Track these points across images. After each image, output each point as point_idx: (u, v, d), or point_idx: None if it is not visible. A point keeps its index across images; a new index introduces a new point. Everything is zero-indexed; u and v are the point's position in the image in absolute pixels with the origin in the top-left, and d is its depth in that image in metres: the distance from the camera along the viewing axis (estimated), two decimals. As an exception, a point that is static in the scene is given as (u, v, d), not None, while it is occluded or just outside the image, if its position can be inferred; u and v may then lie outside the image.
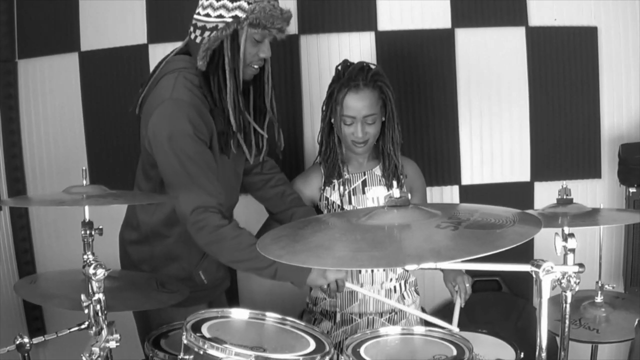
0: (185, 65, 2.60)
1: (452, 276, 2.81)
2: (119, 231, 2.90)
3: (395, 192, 1.84)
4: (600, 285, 2.62)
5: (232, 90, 2.57)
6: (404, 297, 2.96)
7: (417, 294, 3.05)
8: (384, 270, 2.88)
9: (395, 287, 2.94)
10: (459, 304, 2.73)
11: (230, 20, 2.50)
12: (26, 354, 2.35)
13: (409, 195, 2.92)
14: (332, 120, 2.87)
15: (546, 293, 1.73)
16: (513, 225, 1.74)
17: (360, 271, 2.87)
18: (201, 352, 1.99)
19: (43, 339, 2.40)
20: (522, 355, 2.50)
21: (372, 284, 2.90)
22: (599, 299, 2.61)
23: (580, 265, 1.81)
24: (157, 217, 2.72)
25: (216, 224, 2.48)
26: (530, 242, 3.49)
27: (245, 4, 2.48)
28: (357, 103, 2.77)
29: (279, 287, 3.17)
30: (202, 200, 2.49)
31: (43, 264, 3.91)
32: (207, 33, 2.53)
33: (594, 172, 3.73)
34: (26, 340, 2.33)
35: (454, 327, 2.44)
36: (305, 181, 3.00)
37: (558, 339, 2.07)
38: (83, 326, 2.30)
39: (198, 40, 2.56)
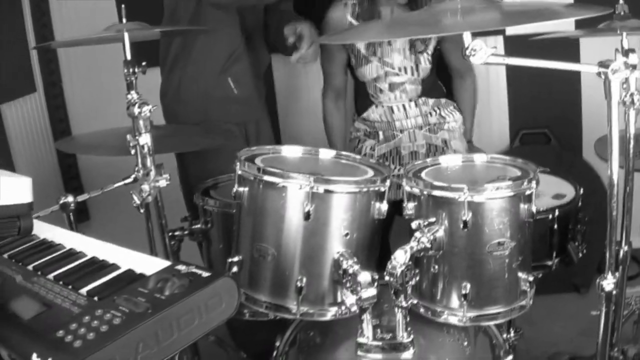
0: None
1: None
2: None
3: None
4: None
5: None
6: (444, 118, 2.89)
7: (459, 111, 2.96)
8: (415, 105, 2.83)
9: (431, 112, 2.87)
10: None
11: None
12: (70, 213, 2.30)
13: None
14: None
15: (615, 94, 1.64)
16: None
17: (392, 109, 2.83)
18: (257, 181, 1.90)
19: (88, 196, 2.36)
20: (581, 191, 2.43)
21: (407, 119, 2.84)
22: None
23: (647, 71, 1.69)
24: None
25: None
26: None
27: None
28: None
29: (319, 130, 3.06)
30: None
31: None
32: None
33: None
34: (70, 199, 2.27)
35: None
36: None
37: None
38: (128, 180, 2.24)
39: None
